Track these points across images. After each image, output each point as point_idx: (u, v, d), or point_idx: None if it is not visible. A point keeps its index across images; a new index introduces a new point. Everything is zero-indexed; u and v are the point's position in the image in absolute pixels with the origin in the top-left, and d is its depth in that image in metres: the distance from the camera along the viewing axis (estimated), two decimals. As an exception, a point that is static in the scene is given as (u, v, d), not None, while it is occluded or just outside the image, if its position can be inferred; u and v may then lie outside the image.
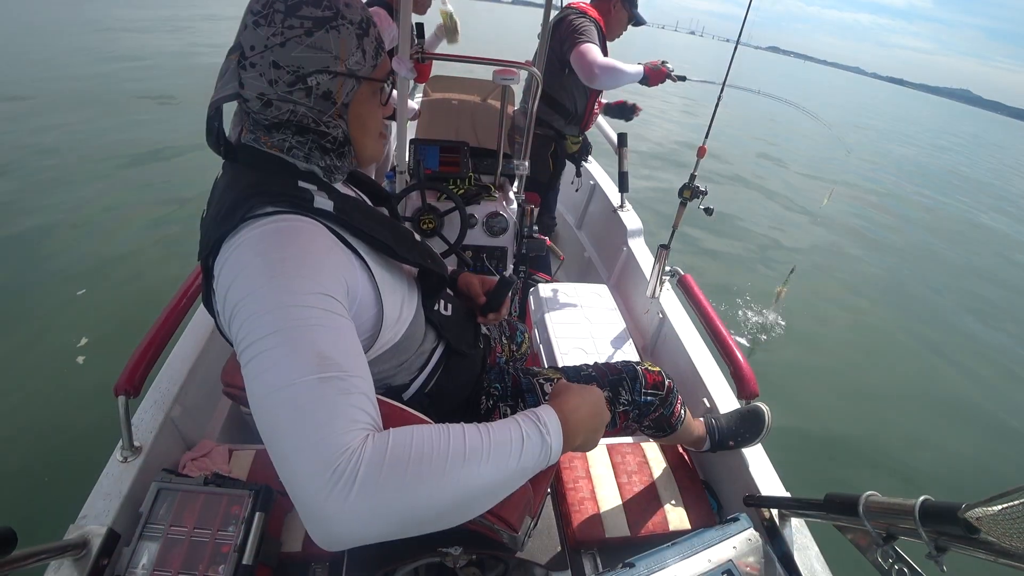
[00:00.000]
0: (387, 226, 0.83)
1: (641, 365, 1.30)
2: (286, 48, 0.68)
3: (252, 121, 0.75)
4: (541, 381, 1.18)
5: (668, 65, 2.34)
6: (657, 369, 1.31)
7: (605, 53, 2.36)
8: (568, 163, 2.82)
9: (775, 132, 13.57)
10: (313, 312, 0.59)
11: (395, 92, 0.83)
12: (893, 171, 12.39)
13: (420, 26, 1.72)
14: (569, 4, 2.38)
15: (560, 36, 2.29)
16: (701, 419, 1.51)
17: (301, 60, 0.69)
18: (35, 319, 3.09)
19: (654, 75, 2.32)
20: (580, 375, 1.24)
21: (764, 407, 1.49)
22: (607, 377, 1.25)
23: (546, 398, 1.16)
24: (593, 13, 2.35)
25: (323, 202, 0.72)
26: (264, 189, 0.69)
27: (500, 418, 1.11)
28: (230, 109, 0.78)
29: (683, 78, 2.38)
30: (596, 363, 1.30)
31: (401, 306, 0.85)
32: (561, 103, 2.47)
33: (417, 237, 0.94)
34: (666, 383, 1.30)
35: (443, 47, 2.72)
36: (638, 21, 2.46)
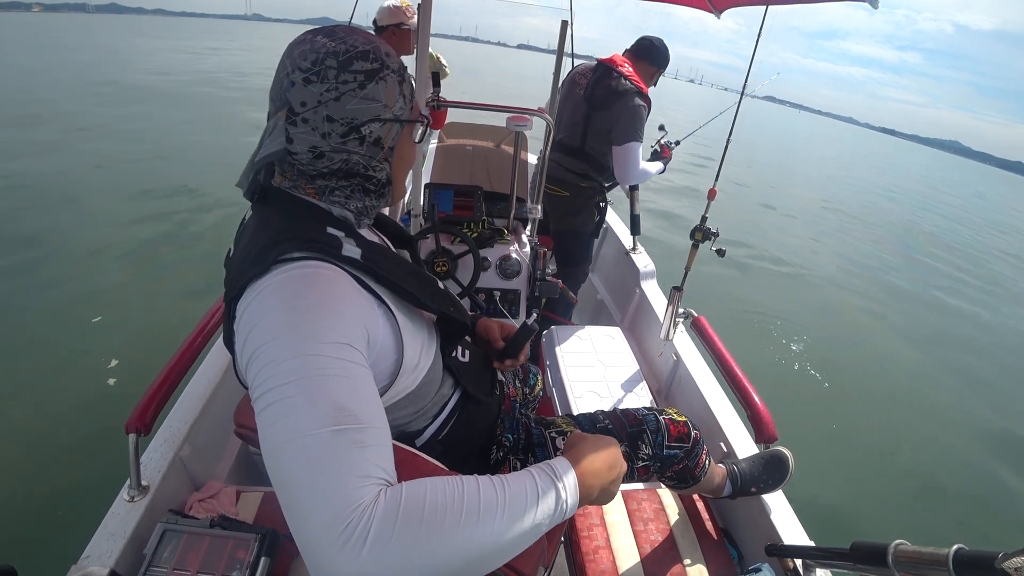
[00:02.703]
0: (411, 273, 0.84)
1: (664, 414, 1.23)
2: (341, 102, 0.71)
3: (297, 172, 0.77)
4: (553, 434, 1.15)
5: (666, 141, 2.70)
6: (683, 419, 1.24)
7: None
8: None
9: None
10: (331, 362, 0.59)
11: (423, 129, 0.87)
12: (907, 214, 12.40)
13: (436, 75, 1.79)
14: (617, 64, 2.37)
15: (619, 111, 2.30)
16: (721, 465, 1.45)
17: (355, 112, 0.72)
18: (52, 346, 3.15)
19: (665, 158, 2.64)
20: (596, 427, 1.19)
21: (787, 452, 1.45)
22: (625, 429, 1.19)
23: (558, 453, 1.13)
24: (639, 80, 2.37)
25: (351, 249, 0.73)
26: (294, 235, 0.70)
27: (510, 471, 1.09)
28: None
29: (678, 143, 2.77)
30: (615, 410, 1.25)
31: (420, 353, 0.85)
32: (608, 167, 2.50)
33: (440, 284, 0.94)
34: (692, 434, 1.23)
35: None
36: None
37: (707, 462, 1.30)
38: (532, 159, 2.83)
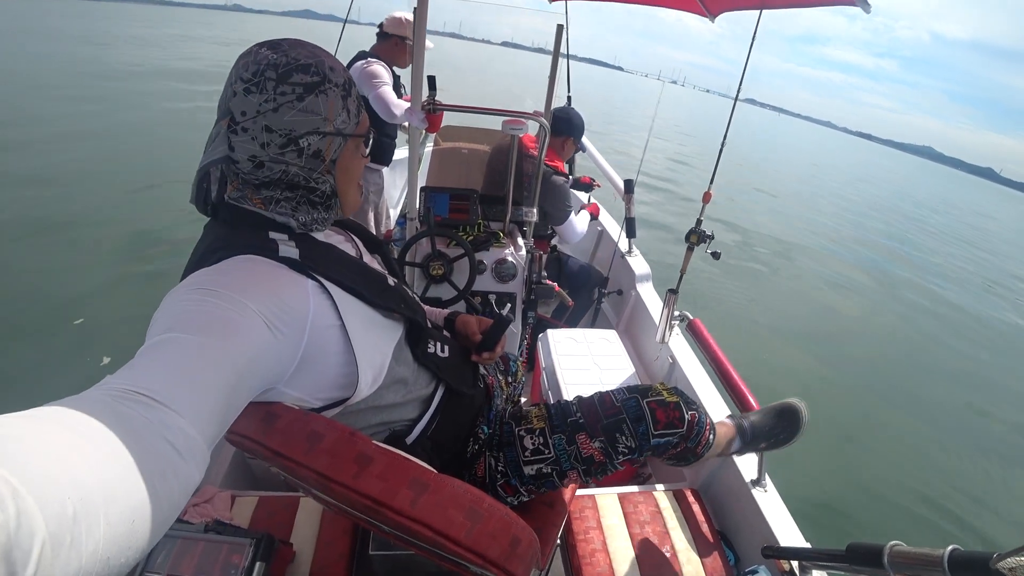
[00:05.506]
0: (357, 271, 0.84)
1: (649, 396, 1.12)
2: (279, 113, 0.72)
3: (242, 181, 0.77)
4: (522, 432, 1.13)
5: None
6: (674, 400, 1.12)
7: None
8: None
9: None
10: (175, 335, 0.57)
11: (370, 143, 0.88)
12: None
13: (432, 78, 1.79)
14: (529, 148, 2.42)
15: (548, 196, 2.39)
16: (728, 420, 1.39)
17: (293, 124, 0.73)
18: (39, 347, 3.13)
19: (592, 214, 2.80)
20: (567, 421, 1.12)
21: (800, 403, 1.37)
22: (600, 421, 1.10)
23: (525, 454, 1.10)
24: (553, 159, 2.49)
25: (288, 251, 0.74)
26: (230, 242, 0.71)
27: (485, 467, 1.08)
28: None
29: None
30: (592, 397, 1.17)
31: (381, 345, 0.85)
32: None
33: (391, 282, 0.94)
34: (686, 418, 1.11)
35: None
36: (580, 149, 2.77)
37: (711, 438, 1.18)
38: None
